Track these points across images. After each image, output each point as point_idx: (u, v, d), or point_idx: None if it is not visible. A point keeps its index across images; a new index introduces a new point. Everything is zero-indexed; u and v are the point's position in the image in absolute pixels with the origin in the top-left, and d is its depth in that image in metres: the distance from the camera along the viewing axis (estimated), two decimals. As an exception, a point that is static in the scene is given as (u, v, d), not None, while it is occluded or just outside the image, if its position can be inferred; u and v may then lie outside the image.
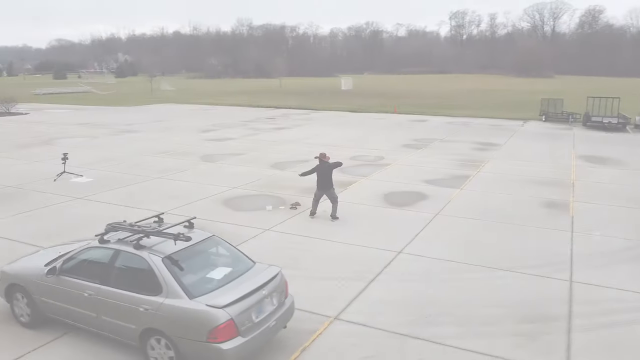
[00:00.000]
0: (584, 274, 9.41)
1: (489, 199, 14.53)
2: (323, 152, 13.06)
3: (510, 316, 7.81)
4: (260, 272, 6.75)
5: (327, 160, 12.77)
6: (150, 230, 6.66)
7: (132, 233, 6.69)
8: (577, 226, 12.12)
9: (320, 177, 12.64)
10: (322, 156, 12.80)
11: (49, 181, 16.45)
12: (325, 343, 7.06)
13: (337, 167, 12.94)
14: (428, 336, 7.24)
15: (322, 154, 12.93)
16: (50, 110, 43.83)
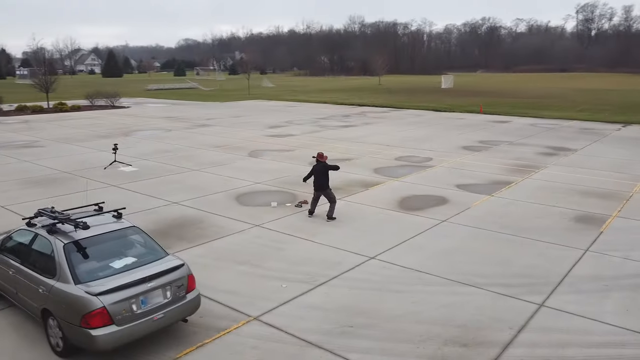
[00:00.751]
0: (563, 298, 8.26)
1: (514, 209, 13.25)
2: (320, 152, 12.84)
3: (441, 337, 7.10)
4: (161, 264, 6.83)
5: (324, 161, 12.50)
6: (62, 217, 7.03)
7: (52, 219, 7.11)
8: (598, 245, 10.64)
9: (315, 178, 12.43)
10: (319, 156, 12.57)
11: (100, 169, 17.94)
12: (226, 342, 6.97)
13: (333, 170, 12.57)
14: (334, 347, 6.84)
15: (320, 154, 12.72)
16: (150, 104, 47.75)
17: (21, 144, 23.82)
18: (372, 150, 21.88)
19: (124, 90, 68.60)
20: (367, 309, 7.90)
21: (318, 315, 7.68)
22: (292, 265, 9.57)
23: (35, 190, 15.15)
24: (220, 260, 9.78)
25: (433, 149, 22.35)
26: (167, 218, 12.37)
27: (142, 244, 7.27)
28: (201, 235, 11.14)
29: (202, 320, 7.49)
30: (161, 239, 10.75)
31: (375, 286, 8.70)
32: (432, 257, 9.95)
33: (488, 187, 15.57)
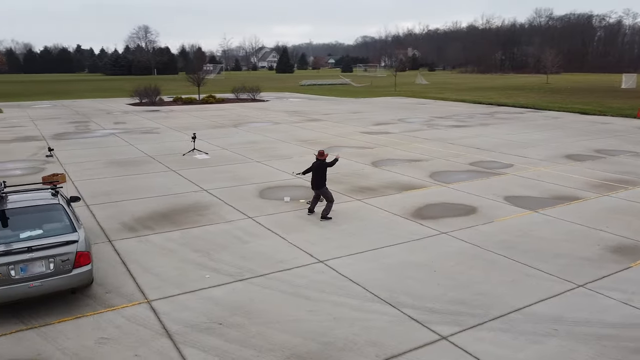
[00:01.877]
0: (481, 335, 6.98)
1: (545, 229, 11.34)
2: (321, 150, 12.55)
3: (292, 350, 6.61)
4: (55, 239, 7.55)
5: (323, 159, 12.17)
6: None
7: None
8: (605, 281, 8.64)
9: (313, 175, 12.17)
10: (319, 154, 12.30)
11: (179, 156, 19.84)
12: (103, 318, 7.41)
13: (331, 165, 12.25)
14: (182, 341, 6.84)
15: (320, 151, 12.44)
16: (291, 98, 50.56)
17: (144, 130, 27.37)
18: (454, 153, 20.36)
19: (283, 85, 73.68)
20: (254, 309, 7.67)
21: (204, 308, 7.70)
22: (239, 258, 9.64)
23: (112, 169, 17.40)
24: (182, 245, 10.27)
25: (528, 155, 19.93)
26: (182, 203, 13.28)
27: (56, 220, 8.09)
28: (191, 222, 11.77)
29: (104, 296, 8.07)
30: (157, 220, 11.78)
31: (290, 289, 8.35)
32: (385, 269, 9.13)
33: (542, 201, 13.50)
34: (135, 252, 9.87)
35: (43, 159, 19.12)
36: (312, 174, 12.22)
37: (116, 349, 6.65)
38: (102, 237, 10.74)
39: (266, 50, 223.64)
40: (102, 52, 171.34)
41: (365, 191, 14.48)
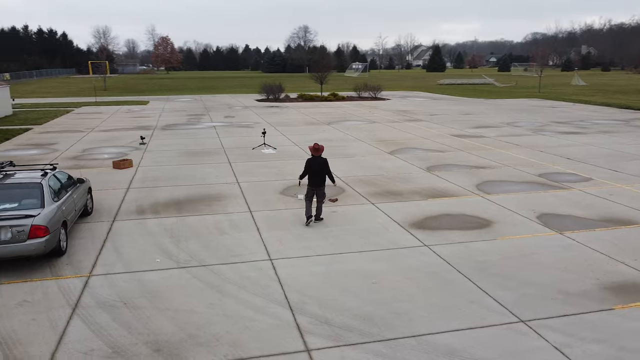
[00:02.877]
0: (358, 356, 6.50)
1: (551, 254, 9.83)
2: (316, 144, 11.85)
3: (156, 336, 6.88)
4: (17, 212, 8.81)
5: (319, 155, 11.64)
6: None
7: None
8: (568, 322, 7.35)
9: (312, 174, 11.55)
10: (314, 149, 11.66)
11: (248, 149, 20.99)
12: (38, 284, 8.44)
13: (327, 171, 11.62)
14: (82, 313, 7.52)
15: (315, 145, 11.75)
16: (415, 98, 49.55)
17: (244, 124, 29.27)
18: (531, 162, 18.36)
19: (419, 84, 72.38)
20: (164, 296, 8.04)
21: (125, 288, 8.29)
22: (201, 248, 10.09)
23: (181, 158, 19.11)
24: (165, 231, 11.06)
25: (624, 170, 17.12)
26: (203, 193, 14.17)
27: (31, 197, 9.36)
28: (195, 210, 12.54)
29: (61, 266, 9.16)
30: (168, 206, 12.94)
31: (215, 282, 8.55)
32: (326, 275, 8.82)
33: (584, 222, 11.65)
34: (121, 233, 10.91)
35: (136, 146, 21.68)
36: (311, 172, 11.63)
37: (25, 311, 7.56)
38: (110, 217, 12.02)
39: (422, 49, 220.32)
40: (267, 51, 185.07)
41: (388, 195, 13.90)
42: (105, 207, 12.75)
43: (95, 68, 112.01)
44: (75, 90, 59.28)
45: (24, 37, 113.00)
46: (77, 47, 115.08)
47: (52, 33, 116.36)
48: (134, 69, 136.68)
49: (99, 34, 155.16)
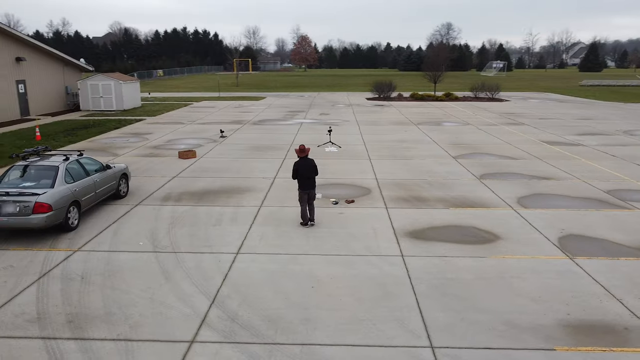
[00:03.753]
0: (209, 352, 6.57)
1: (535, 280, 8.68)
2: (302, 145, 11.48)
3: (77, 311, 7.60)
4: (28, 190, 10.24)
5: (305, 155, 11.34)
6: (27, 153, 11.39)
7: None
8: (477, 355, 6.61)
9: (300, 176, 11.29)
10: (300, 151, 11.37)
11: (314, 147, 21.37)
12: (31, 254, 9.73)
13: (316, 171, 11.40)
14: (44, 282, 8.57)
15: (301, 147, 11.42)
16: (532, 100, 45.62)
17: (332, 122, 29.63)
18: (612, 176, 16.11)
19: (557, 85, 66.44)
20: (118, 276, 8.74)
21: (95, 264, 9.18)
22: (186, 236, 10.68)
23: (244, 152, 20.13)
24: (170, 218, 11.89)
25: None
26: (236, 185, 14.85)
27: (46, 178, 10.76)
28: (212, 201, 13.24)
29: (62, 239, 10.42)
30: (194, 195, 13.84)
31: (169, 268, 9.04)
32: (272, 274, 8.85)
33: (615, 248, 10.06)
34: (132, 216, 12.00)
35: (215, 138, 23.29)
36: (300, 175, 11.23)
37: (3, 274, 8.80)
38: (137, 201, 13.24)
39: (581, 46, 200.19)
40: (406, 49, 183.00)
41: (411, 201, 13.27)
42: (141, 192, 14.05)
43: (239, 66, 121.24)
44: (210, 86, 64.77)
45: (183, 37, 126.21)
46: (226, 46, 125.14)
47: (206, 33, 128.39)
48: (274, 67, 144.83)
49: (249, 33, 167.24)
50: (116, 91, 35.18)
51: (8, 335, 6.91)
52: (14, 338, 6.85)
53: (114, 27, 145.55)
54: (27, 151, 11.66)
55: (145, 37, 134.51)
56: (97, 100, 35.26)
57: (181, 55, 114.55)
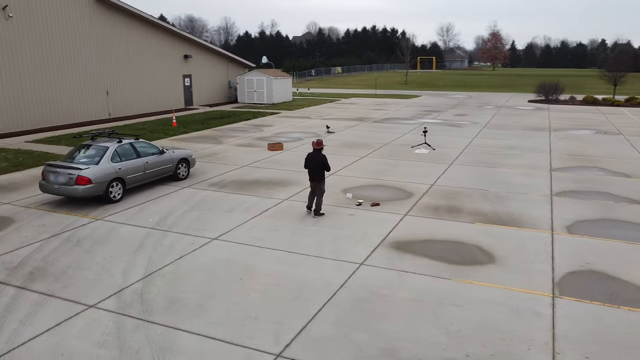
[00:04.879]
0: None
1: (473, 316, 7.59)
2: (319, 139, 11.99)
3: (25, 276, 9.05)
4: (77, 165, 12.31)
5: (319, 148, 11.77)
6: (92, 134, 13.58)
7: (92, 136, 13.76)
8: None
9: (309, 168, 11.79)
10: (316, 144, 11.88)
11: (406, 147, 20.74)
12: (64, 217, 11.70)
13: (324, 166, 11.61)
14: (45, 238, 10.35)
15: (318, 141, 11.95)
16: None
17: (452, 123, 27.97)
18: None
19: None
20: (100, 245, 10.12)
21: (94, 231, 10.72)
22: (194, 220, 11.59)
23: (338, 148, 20.41)
24: (199, 202, 13.00)
25: None
26: (284, 178, 15.38)
27: (97, 156, 12.71)
28: (251, 190, 13.96)
29: (97, 209, 12.28)
30: (239, 183, 14.97)
31: (130, 242, 10.10)
32: (211, 259, 9.28)
33: (624, 293, 8.14)
34: (170, 197, 13.40)
35: (319, 133, 24.04)
36: (310, 167, 11.74)
37: (34, 231, 10.81)
38: (188, 184, 14.69)
39: None
40: (628, 45, 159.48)
41: (442, 211, 12.24)
42: (200, 177, 15.51)
43: (423, 64, 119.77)
44: (379, 83, 65.72)
45: (371, 36, 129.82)
46: (413, 44, 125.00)
47: (394, 31, 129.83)
48: (461, 65, 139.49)
49: (442, 31, 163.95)
50: (267, 86, 38.35)
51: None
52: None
53: (310, 27, 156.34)
54: (93, 133, 13.88)
55: (337, 35, 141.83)
56: (252, 94, 38.91)
57: (368, 53, 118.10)
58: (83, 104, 27.39)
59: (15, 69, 23.61)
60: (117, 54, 29.25)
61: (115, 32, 28.95)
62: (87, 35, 27.20)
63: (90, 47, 27.45)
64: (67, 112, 26.51)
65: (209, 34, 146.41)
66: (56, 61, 25.61)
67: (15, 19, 23.50)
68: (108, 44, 28.57)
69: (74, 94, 26.78)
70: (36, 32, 24.48)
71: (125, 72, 29.88)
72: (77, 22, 26.59)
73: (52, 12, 25.21)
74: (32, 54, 24.39)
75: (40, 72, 24.84)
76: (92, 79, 27.76)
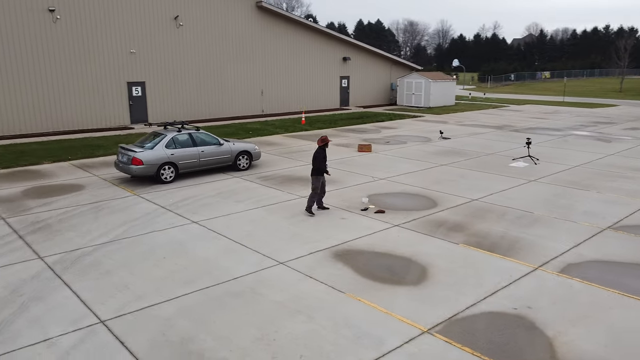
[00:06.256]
0: (31, 269, 8.95)
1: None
2: (323, 136, 12.04)
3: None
4: (136, 148, 14.63)
5: (324, 145, 11.89)
6: (163, 123, 15.76)
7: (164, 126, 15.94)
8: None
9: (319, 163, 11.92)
10: (319, 141, 11.97)
11: (507, 160, 18.64)
12: (116, 190, 14.05)
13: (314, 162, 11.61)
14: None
15: (322, 137, 12.01)
16: None
17: (615, 138, 23.52)
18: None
19: None
20: (105, 207, 12.04)
21: (114, 202, 12.76)
22: (201, 205, 12.88)
23: (430, 156, 19.50)
24: (229, 191, 14.21)
25: None
26: (329, 178, 15.54)
27: (156, 142, 14.79)
28: (285, 186, 14.62)
29: (147, 188, 14.41)
30: (283, 179, 15.79)
31: (132, 212, 11.68)
32: (162, 239, 10.29)
33: None
34: (213, 184, 14.83)
35: (431, 138, 22.97)
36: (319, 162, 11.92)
37: (84, 198, 13.37)
38: (240, 175, 15.95)
39: None
40: None
41: (443, 227, 11.09)
42: (258, 170, 16.64)
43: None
44: (587, 91, 57.92)
45: (603, 37, 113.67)
46: (634, 43, 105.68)
47: (633, 31, 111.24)
48: None
49: None
50: (425, 89, 37.57)
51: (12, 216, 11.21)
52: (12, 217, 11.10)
53: (531, 29, 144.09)
54: (166, 123, 16.09)
55: (562, 36, 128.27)
56: (410, 96, 38.60)
57: (593, 55, 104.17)
58: (240, 101, 31.10)
59: (183, 71, 28.20)
60: (274, 57, 32.31)
61: (273, 36, 32.01)
62: (246, 39, 30.76)
63: (248, 50, 30.98)
64: (228, 108, 30.48)
65: (428, 37, 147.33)
66: (218, 63, 29.65)
67: (185, 27, 28.03)
68: (265, 47, 31.78)
69: (233, 93, 30.62)
70: (202, 38, 28.76)
71: (279, 73, 32.82)
72: (238, 28, 30.30)
73: (216, 19, 29.26)
74: (198, 57, 28.75)
75: (204, 73, 29.11)
76: (248, 79, 31.28)
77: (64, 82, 24.39)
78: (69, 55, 24.36)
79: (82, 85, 24.95)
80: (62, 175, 15.90)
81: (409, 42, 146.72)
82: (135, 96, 26.79)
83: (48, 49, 23.71)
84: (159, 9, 27.00)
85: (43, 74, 23.74)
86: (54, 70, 24.01)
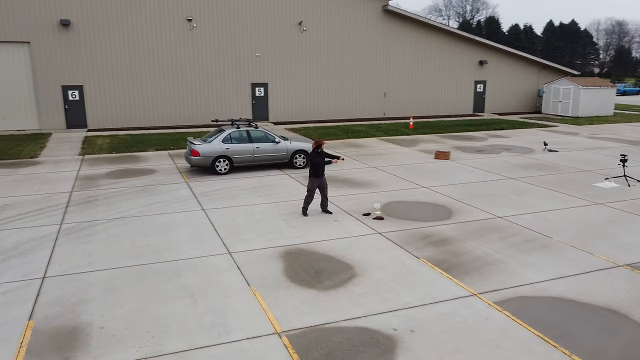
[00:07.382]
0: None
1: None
2: (319, 139, 12.01)
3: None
4: (197, 141, 16.37)
5: (316, 147, 11.84)
6: (230, 122, 17.23)
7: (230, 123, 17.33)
8: None
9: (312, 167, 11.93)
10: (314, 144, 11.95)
11: (591, 178, 16.12)
12: (175, 174, 15.92)
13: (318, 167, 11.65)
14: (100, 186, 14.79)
15: (317, 140, 11.97)
16: None
17: None
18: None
19: None
20: (121, 195, 13.81)
21: (132, 189, 14.53)
22: (225, 196, 13.99)
23: (514, 168, 17.83)
24: (262, 186, 15.07)
25: None
26: (365, 178, 15.30)
27: (216, 137, 16.31)
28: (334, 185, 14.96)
29: (197, 177, 16.04)
30: (341, 182, 16.18)
31: (138, 199, 13.23)
32: (149, 221, 11.54)
33: None
34: (260, 178, 15.82)
35: (534, 150, 20.70)
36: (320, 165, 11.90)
37: (135, 183, 15.51)
38: (292, 173, 16.65)
39: None
40: None
41: (423, 239, 10.47)
42: (316, 169, 17.11)
43: None
44: None
45: None
46: None
47: None
48: None
49: None
50: (574, 96, 33.47)
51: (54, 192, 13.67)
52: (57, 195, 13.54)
53: None
54: (234, 120, 17.48)
55: None
56: (556, 104, 34.76)
57: None
58: (360, 103, 31.72)
59: (301, 73, 29.92)
60: (399, 60, 32.13)
61: (399, 39, 31.84)
62: (372, 42, 31.19)
63: (373, 54, 31.38)
64: (343, 109, 31.42)
65: (629, 37, 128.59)
66: (338, 65, 30.68)
67: (309, 32, 29.66)
68: (391, 51, 31.79)
69: (351, 95, 31.40)
70: (323, 41, 30.07)
71: (405, 76, 32.50)
72: (362, 31, 30.89)
73: (339, 23, 30.28)
74: (318, 60, 30.16)
75: (326, 76, 30.44)
76: (372, 82, 31.69)
77: (197, 82, 27.88)
78: (201, 59, 27.74)
79: (211, 86, 28.19)
80: (151, 161, 18.48)
81: (614, 45, 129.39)
82: (258, 96, 29.28)
83: (186, 53, 27.37)
84: (283, 15, 29.03)
85: (181, 75, 27.50)
86: (189, 72, 27.62)
